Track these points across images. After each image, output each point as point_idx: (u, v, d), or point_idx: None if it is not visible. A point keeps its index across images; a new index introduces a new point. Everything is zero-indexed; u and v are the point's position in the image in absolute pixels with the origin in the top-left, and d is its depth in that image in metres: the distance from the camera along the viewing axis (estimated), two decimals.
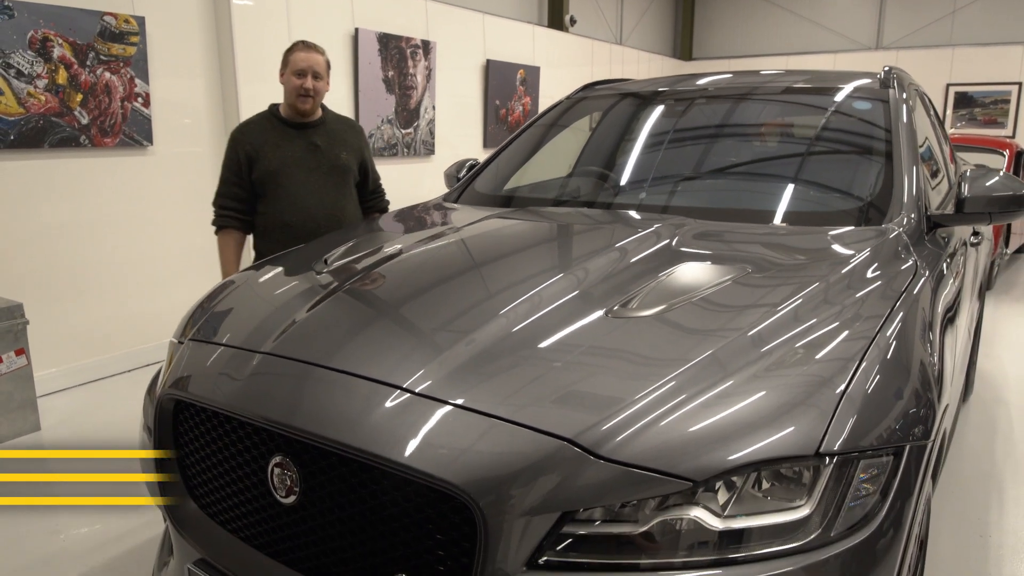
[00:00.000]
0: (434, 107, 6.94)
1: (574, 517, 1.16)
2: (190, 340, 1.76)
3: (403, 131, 6.63)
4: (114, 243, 4.52)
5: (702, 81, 2.96)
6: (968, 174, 2.27)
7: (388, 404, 1.31)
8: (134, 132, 4.54)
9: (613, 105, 3.15)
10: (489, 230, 2.25)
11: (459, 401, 1.28)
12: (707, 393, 1.26)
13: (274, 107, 3.10)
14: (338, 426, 1.30)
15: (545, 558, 1.15)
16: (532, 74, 8.41)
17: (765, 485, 1.20)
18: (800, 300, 1.56)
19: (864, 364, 1.34)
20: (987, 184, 2.21)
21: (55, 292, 4.25)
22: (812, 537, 1.16)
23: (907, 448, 1.29)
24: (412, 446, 1.23)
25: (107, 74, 4.34)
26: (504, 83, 7.98)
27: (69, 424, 3.86)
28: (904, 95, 2.57)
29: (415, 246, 2.05)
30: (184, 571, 1.56)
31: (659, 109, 2.90)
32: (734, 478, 1.18)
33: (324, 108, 3.16)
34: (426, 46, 6.72)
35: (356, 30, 5.96)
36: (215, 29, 4.99)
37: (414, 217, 2.63)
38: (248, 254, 3.18)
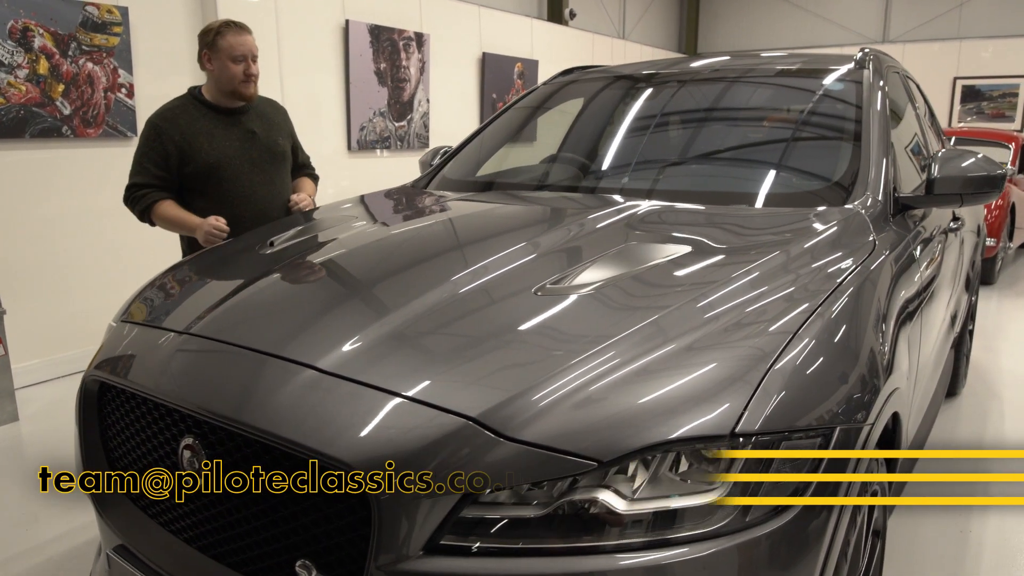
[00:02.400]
0: (428, 100, 6.90)
1: (477, 499, 1.11)
2: (120, 322, 1.73)
3: (396, 124, 6.59)
4: (96, 234, 4.50)
5: (677, 66, 2.89)
6: (940, 155, 2.19)
7: (291, 382, 1.26)
8: (118, 123, 4.52)
9: (595, 90, 3.10)
10: (439, 214, 2.21)
11: (362, 379, 1.23)
12: (624, 371, 1.20)
13: (195, 90, 2.80)
14: (237, 404, 1.25)
15: (444, 541, 1.10)
16: (530, 68, 8.35)
17: (683, 467, 1.14)
18: (738, 279, 1.50)
19: (794, 344, 1.28)
20: (958, 165, 2.14)
21: (35, 284, 4.24)
22: (725, 522, 1.10)
23: (836, 431, 1.23)
24: (306, 424, 1.18)
25: (90, 64, 4.33)
26: (501, 76, 7.92)
27: (47, 415, 3.85)
28: (879, 78, 2.50)
29: (360, 229, 2.01)
30: (104, 557, 1.52)
31: (631, 93, 2.84)
32: (648, 458, 1.12)
33: None
34: (419, 38, 6.67)
35: (347, 22, 5.92)
36: (201, 19, 4.96)
37: (375, 202, 2.59)
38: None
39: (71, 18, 4.19)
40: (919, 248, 2.14)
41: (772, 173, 2.29)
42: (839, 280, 1.53)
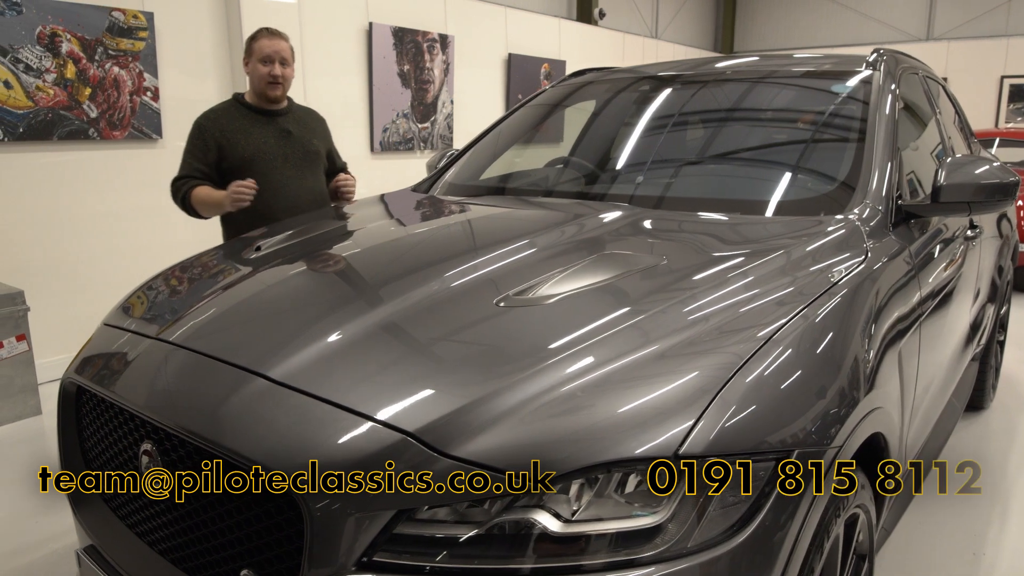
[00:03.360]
0: (452, 101, 6.91)
1: (412, 516, 1.09)
2: (103, 325, 1.76)
3: (419, 125, 6.61)
4: (120, 234, 4.61)
5: (681, 68, 2.84)
6: (948, 161, 2.09)
7: (240, 391, 1.27)
8: (143, 125, 4.62)
9: (598, 93, 3.06)
10: (420, 223, 2.20)
11: (307, 388, 1.22)
12: (572, 386, 1.18)
13: (239, 95, 3.06)
14: (184, 412, 1.27)
15: (378, 558, 1.08)
16: (558, 68, 8.31)
17: (629, 488, 1.11)
18: (706, 294, 1.45)
19: (754, 363, 1.23)
20: (966, 172, 2.04)
21: (60, 282, 4.36)
22: (664, 548, 1.06)
23: (793, 454, 1.18)
24: (246, 432, 1.19)
25: (116, 68, 4.43)
26: (527, 77, 7.90)
27: None
28: (890, 80, 2.40)
29: (340, 236, 2.01)
30: (75, 556, 1.55)
31: (634, 97, 2.79)
32: (589, 479, 1.09)
33: (289, 99, 3.13)
34: (443, 40, 6.68)
35: (370, 24, 5.96)
36: (225, 23, 5.05)
37: (365, 208, 2.58)
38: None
39: (98, 23, 4.30)
40: (925, 259, 2.05)
41: (769, 181, 2.22)
42: (815, 295, 1.47)
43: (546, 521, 1.07)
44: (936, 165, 2.64)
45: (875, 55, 2.54)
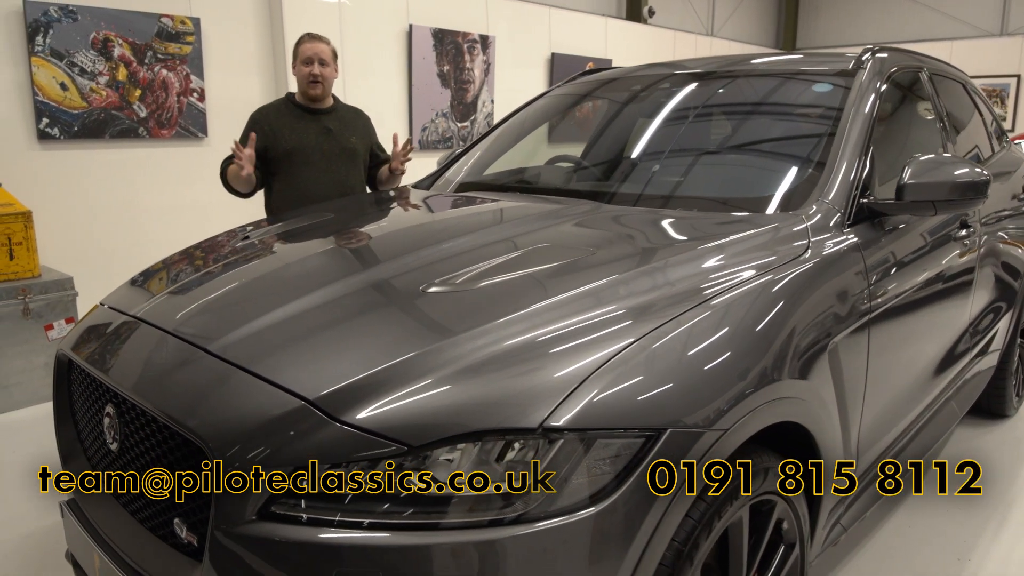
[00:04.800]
0: (492, 100, 7.04)
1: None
2: (100, 303, 1.95)
3: (459, 124, 6.77)
4: (165, 226, 4.93)
5: (680, 67, 2.88)
6: (916, 159, 2.08)
7: (179, 360, 1.42)
8: (189, 124, 4.93)
9: (593, 93, 3.13)
10: (391, 214, 2.34)
11: (233, 360, 1.37)
12: (461, 364, 1.27)
13: (290, 95, 3.39)
14: (131, 378, 1.42)
15: (275, 509, 1.21)
16: (603, 67, 8.33)
17: (496, 456, 1.20)
18: (617, 283, 1.52)
19: (637, 347, 1.30)
20: (932, 170, 2.02)
21: (107, 269, 4.69)
22: (525, 511, 1.15)
23: (665, 433, 1.24)
24: (171, 395, 1.34)
25: (164, 71, 4.75)
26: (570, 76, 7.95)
27: None
28: (876, 79, 2.38)
29: (315, 228, 2.17)
30: (58, 508, 1.74)
31: (622, 96, 2.85)
32: (463, 447, 1.19)
33: (335, 98, 3.41)
34: (484, 40, 6.82)
35: (410, 26, 6.15)
36: (269, 28, 5.32)
37: (364, 201, 2.73)
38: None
39: (147, 29, 4.62)
40: (884, 258, 2.05)
41: (734, 179, 2.25)
42: (724, 287, 1.52)
43: (423, 483, 1.17)
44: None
45: (867, 54, 2.52)
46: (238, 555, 1.19)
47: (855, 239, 1.95)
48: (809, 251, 1.77)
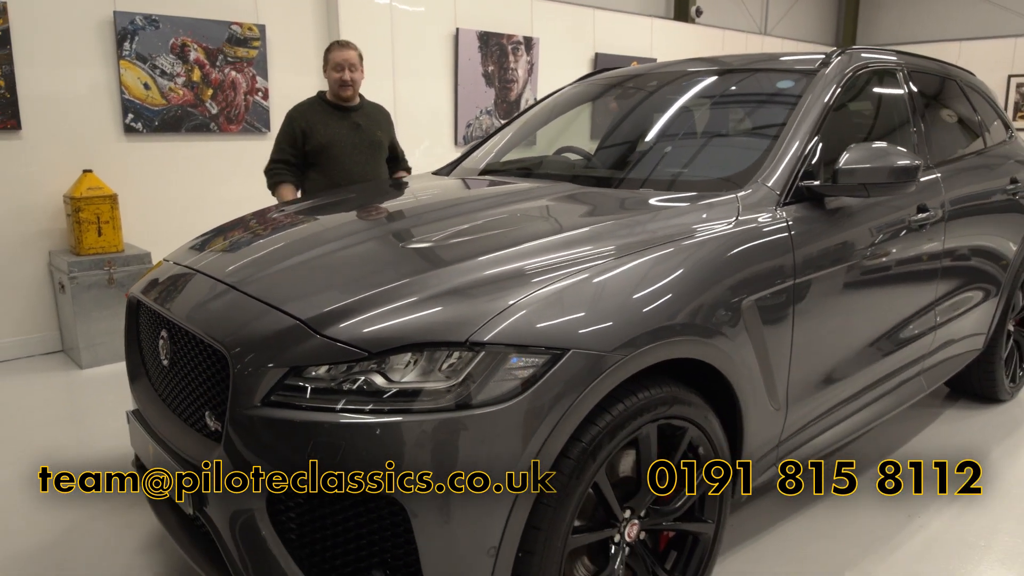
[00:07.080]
0: (536, 98, 7.42)
1: (300, 373, 1.63)
2: (164, 259, 2.45)
3: (502, 121, 7.18)
4: (231, 211, 5.47)
5: (671, 68, 3.21)
6: (852, 146, 2.32)
7: (213, 295, 1.88)
8: (255, 120, 5.50)
9: (591, 93, 3.50)
10: (403, 191, 2.80)
11: (246, 289, 1.82)
12: (419, 296, 1.68)
13: (321, 94, 3.89)
14: (178, 309, 1.90)
15: (274, 398, 1.63)
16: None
17: (438, 361, 1.59)
18: (560, 241, 1.90)
19: (554, 284, 1.69)
20: (865, 156, 2.27)
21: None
22: (454, 402, 1.54)
23: (568, 353, 1.61)
24: (205, 318, 1.80)
25: (233, 73, 5.32)
26: None
27: None
28: (838, 75, 2.63)
29: (343, 202, 2.63)
30: (125, 415, 2.23)
31: (614, 93, 3.20)
32: (407, 355, 1.59)
33: (361, 96, 3.88)
34: (528, 42, 7.21)
35: (456, 30, 6.60)
36: (327, 33, 5.84)
37: (388, 183, 3.18)
38: None
39: (219, 35, 5.20)
40: (817, 235, 2.28)
41: (692, 164, 2.58)
42: (645, 242, 1.88)
43: (378, 380, 1.58)
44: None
45: (838, 54, 2.77)
46: (247, 428, 1.62)
47: (784, 216, 2.24)
48: (732, 223, 2.09)
